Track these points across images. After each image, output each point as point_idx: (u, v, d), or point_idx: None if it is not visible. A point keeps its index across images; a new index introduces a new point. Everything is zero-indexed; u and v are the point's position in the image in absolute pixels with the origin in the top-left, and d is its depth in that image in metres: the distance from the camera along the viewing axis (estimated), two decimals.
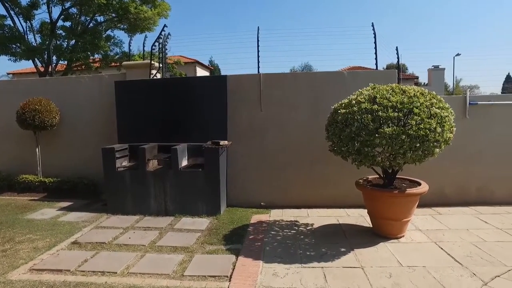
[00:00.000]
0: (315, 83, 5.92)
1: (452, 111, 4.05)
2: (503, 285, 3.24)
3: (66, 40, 19.10)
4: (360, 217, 5.27)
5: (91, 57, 19.74)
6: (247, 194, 6.02)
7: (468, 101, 5.71)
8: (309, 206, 5.86)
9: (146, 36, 8.30)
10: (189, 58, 25.87)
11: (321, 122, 4.59)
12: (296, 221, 5.19)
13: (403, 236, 4.44)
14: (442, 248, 4.09)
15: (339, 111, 4.11)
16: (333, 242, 4.32)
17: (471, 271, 3.52)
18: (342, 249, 4.11)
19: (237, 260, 3.87)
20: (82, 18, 19.51)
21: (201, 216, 5.40)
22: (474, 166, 5.90)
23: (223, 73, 16.85)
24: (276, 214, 5.56)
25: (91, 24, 19.72)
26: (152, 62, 7.09)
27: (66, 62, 18.94)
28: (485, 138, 5.87)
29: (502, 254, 3.89)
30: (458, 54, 28.98)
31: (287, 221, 5.22)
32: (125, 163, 5.93)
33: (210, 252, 4.12)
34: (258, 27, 6.54)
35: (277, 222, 5.15)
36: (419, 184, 4.41)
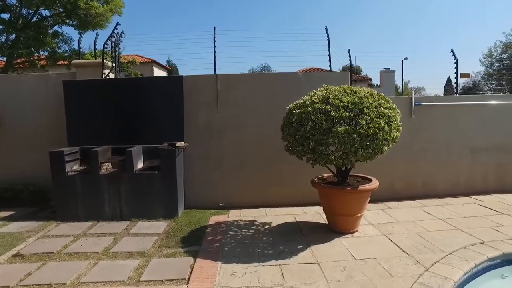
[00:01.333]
0: (272, 84, 6.02)
1: (398, 111, 4.32)
2: (441, 269, 3.54)
3: (5, 34, 17.51)
4: (316, 214, 5.44)
5: (36, 54, 18.36)
6: (206, 195, 5.98)
7: (413, 102, 6.12)
8: (268, 205, 5.94)
9: (97, 34, 7.93)
10: (146, 58, 25.10)
11: (277, 122, 4.68)
12: (255, 221, 5.24)
13: (357, 230, 4.65)
14: (391, 240, 4.34)
15: (294, 112, 4.22)
16: (291, 240, 4.42)
17: (416, 259, 3.78)
18: (299, 246, 4.22)
19: (195, 262, 3.83)
20: (24, 10, 18.06)
21: (158, 219, 5.27)
22: (420, 162, 6.33)
23: (181, 73, 16.58)
24: (234, 215, 5.57)
25: (34, 18, 18.34)
26: (105, 61, 6.79)
27: (5, 58, 17.41)
28: (428, 136, 6.32)
29: (442, 242, 4.22)
30: (406, 58, 30.75)
31: (245, 221, 5.25)
32: (76, 167, 5.62)
33: (168, 255, 4.03)
34: (215, 27, 6.53)
35: (235, 223, 5.17)
36: (371, 180, 4.65)
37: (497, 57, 35.57)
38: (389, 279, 3.38)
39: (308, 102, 4.16)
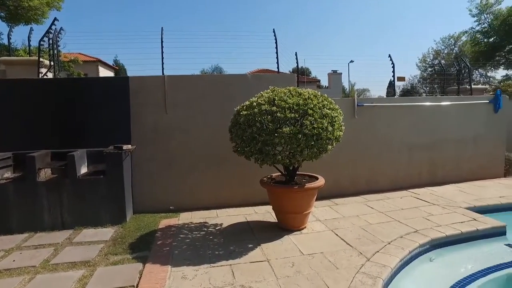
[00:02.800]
0: (221, 85, 6.03)
1: (341, 111, 4.56)
2: (381, 258, 3.82)
3: None
4: (266, 213, 5.56)
5: None
6: (155, 199, 5.83)
7: (356, 103, 6.49)
8: (219, 206, 5.95)
9: (32, 29, 7.36)
10: (90, 57, 23.78)
11: (227, 123, 4.72)
12: (206, 222, 5.22)
13: (305, 227, 4.83)
14: (337, 235, 4.57)
15: (241, 113, 4.28)
16: (241, 240, 4.47)
17: (359, 250, 4.03)
18: (250, 245, 4.28)
19: (144, 267, 3.74)
20: None
21: (105, 226, 5.05)
22: (363, 159, 6.73)
23: (130, 73, 15.96)
24: (185, 217, 5.50)
25: None
26: (42, 59, 6.34)
27: None
28: (370, 135, 6.75)
29: (382, 233, 4.54)
30: (351, 61, 32.40)
31: (196, 223, 5.21)
32: (8, 174, 5.19)
33: (115, 263, 3.89)
34: (162, 27, 6.40)
35: (186, 225, 5.11)
36: (317, 178, 4.85)
37: (430, 63, 38.86)
38: (335, 271, 3.57)
39: (255, 103, 4.25)
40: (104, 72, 26.92)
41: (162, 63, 6.28)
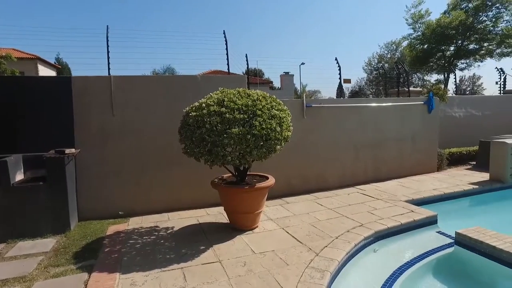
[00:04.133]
0: (171, 86, 5.93)
1: (289, 112, 4.70)
2: (329, 252, 4.00)
3: None
4: (219, 214, 5.56)
5: None
6: (103, 205, 5.57)
7: (305, 104, 6.72)
8: (171, 209, 5.83)
9: None
10: (27, 54, 22.07)
11: (178, 125, 4.65)
12: (157, 226, 5.10)
13: (257, 226, 4.91)
14: (288, 232, 4.69)
15: (190, 114, 4.25)
16: (193, 242, 4.44)
17: (308, 247, 4.18)
18: (202, 247, 4.26)
19: (90, 277, 3.57)
20: None
21: (45, 237, 4.72)
22: (313, 158, 6.98)
23: (75, 73, 15.00)
24: (135, 222, 5.32)
25: None
26: None
27: None
28: (319, 135, 7.02)
29: (330, 229, 4.75)
30: (303, 63, 33.38)
31: (147, 227, 5.07)
32: None
33: (56, 275, 3.66)
34: (107, 26, 6.15)
35: (136, 230, 4.95)
36: (267, 178, 4.95)
37: (375, 66, 41.32)
38: (285, 268, 3.67)
39: (204, 105, 4.23)
40: (45, 71, 25.15)
41: (108, 63, 6.04)
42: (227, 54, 6.65)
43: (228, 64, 6.58)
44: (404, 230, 4.94)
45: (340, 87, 9.76)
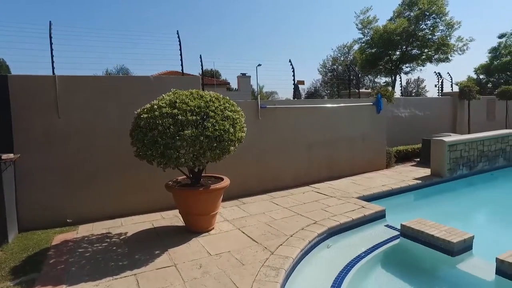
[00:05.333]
0: (123, 87, 5.71)
1: (242, 113, 4.74)
2: (284, 250, 4.08)
3: None
4: (174, 217, 5.46)
5: None
6: (49, 213, 5.23)
7: (259, 105, 6.80)
8: (124, 214, 5.62)
9: None
10: None
11: (129, 127, 4.49)
12: (109, 233, 4.89)
13: (213, 228, 4.88)
14: (244, 233, 4.73)
15: (142, 116, 4.14)
16: (148, 247, 4.32)
17: (264, 246, 4.24)
18: (157, 252, 4.16)
19: None
20: None
21: None
22: (268, 158, 7.08)
23: (14, 72, 13.71)
24: (85, 229, 5.06)
25: None
26: None
27: None
28: (274, 135, 7.14)
29: (285, 227, 4.85)
30: (259, 65, 33.67)
31: (98, 234, 4.84)
32: None
33: None
34: (50, 21, 5.76)
35: (86, 238, 4.71)
36: (222, 179, 4.95)
37: (329, 68, 42.89)
38: (241, 268, 3.70)
39: (155, 106, 4.15)
40: None
41: (52, 62, 5.67)
42: (180, 54, 6.55)
43: (182, 65, 6.49)
44: (355, 225, 5.19)
45: (296, 88, 10.01)
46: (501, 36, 32.98)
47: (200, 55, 7.20)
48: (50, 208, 5.26)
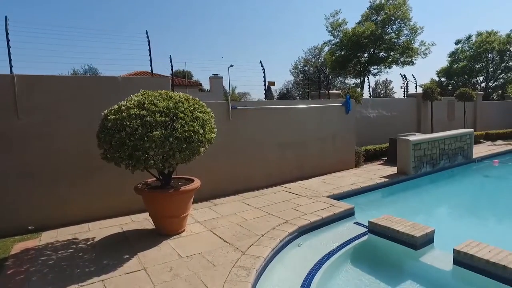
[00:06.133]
0: (90, 88, 5.52)
1: (212, 114, 4.72)
2: (255, 250, 4.12)
3: None
4: (145, 220, 5.35)
5: None
6: (7, 221, 4.95)
7: (230, 106, 6.80)
8: (92, 219, 5.45)
9: None
10: None
11: (96, 129, 4.35)
12: (75, 239, 4.72)
13: (184, 230, 4.84)
14: (215, 234, 4.71)
15: (109, 118, 4.04)
16: (116, 251, 4.21)
17: (235, 246, 4.25)
18: (126, 256, 4.07)
19: None
20: None
21: None
22: (240, 159, 7.10)
23: None
24: (49, 236, 4.85)
25: None
26: None
27: None
28: (246, 136, 7.16)
29: (257, 227, 4.89)
30: (231, 66, 33.64)
31: (63, 241, 4.66)
32: None
33: None
34: (6, 16, 5.45)
35: (50, 245, 4.51)
36: (193, 181, 4.91)
37: (301, 69, 43.59)
38: (212, 269, 3.69)
39: (123, 107, 4.06)
40: None
41: (10, 60, 5.39)
42: (150, 55, 6.43)
43: (151, 65, 6.38)
44: (325, 224, 5.31)
45: (268, 89, 10.10)
46: (457, 42, 35.13)
47: (170, 56, 7.11)
48: (7, 215, 4.98)
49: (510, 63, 32.21)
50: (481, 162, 10.68)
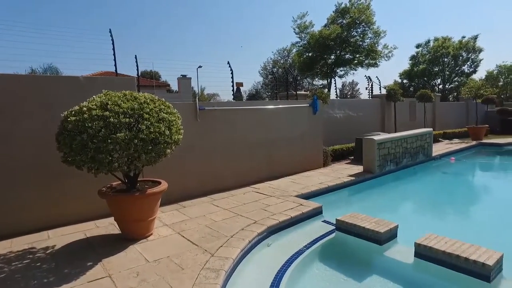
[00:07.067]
0: (48, 88, 5.24)
1: (179, 115, 4.64)
2: (224, 252, 4.09)
3: None
4: (110, 225, 5.16)
5: None
6: None
7: (198, 107, 6.72)
8: (53, 226, 5.17)
9: None
10: None
11: (55, 131, 4.14)
12: (33, 248, 4.45)
13: (151, 234, 4.72)
14: (184, 236, 4.64)
15: (69, 119, 3.85)
16: (79, 259, 4.03)
17: (204, 248, 4.20)
18: (89, 263, 3.90)
19: None
20: None
21: None
22: (209, 160, 7.03)
23: None
24: (2, 247, 4.53)
25: None
26: None
27: None
28: (214, 137, 7.11)
29: (226, 229, 4.86)
30: (200, 66, 33.27)
31: (18, 251, 4.38)
32: None
33: None
34: None
35: (2, 257, 4.22)
36: (160, 183, 4.80)
37: (270, 71, 43.98)
38: (180, 272, 3.62)
39: (85, 108, 3.89)
40: None
41: None
42: (114, 54, 6.22)
43: (115, 65, 6.17)
44: (294, 223, 5.37)
45: (237, 90, 10.09)
46: (417, 46, 37.03)
47: (136, 55, 6.91)
48: None
49: (463, 67, 34.51)
50: (440, 159, 11.27)
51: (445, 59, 34.37)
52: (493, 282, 3.57)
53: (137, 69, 6.97)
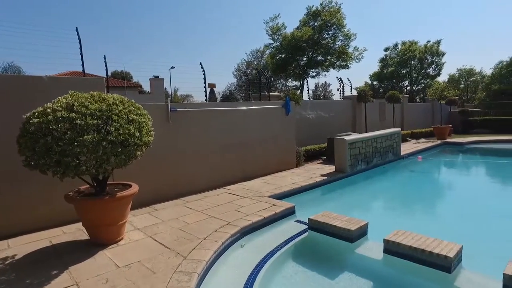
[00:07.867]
0: (9, 88, 4.97)
1: (149, 117, 4.55)
2: (197, 254, 4.05)
3: None
4: (78, 231, 4.98)
5: None
6: None
7: (169, 108, 6.62)
8: (13, 234, 4.90)
9: None
10: None
11: (16, 134, 3.93)
12: None
13: (122, 238, 4.60)
14: (156, 240, 4.55)
15: (31, 121, 3.68)
16: (43, 268, 3.85)
17: (176, 251, 4.15)
18: (54, 272, 3.74)
19: None
20: None
21: None
22: (181, 162, 6.94)
23: None
24: None
25: None
26: None
27: None
28: (186, 138, 7.02)
29: (198, 231, 4.82)
30: (172, 67, 32.82)
31: None
32: None
33: None
34: None
35: None
36: (131, 186, 4.69)
37: (244, 72, 44.05)
38: (152, 276, 3.55)
39: (49, 110, 3.73)
40: None
41: None
42: (81, 53, 5.99)
43: (82, 65, 5.96)
44: (267, 223, 5.41)
45: (211, 91, 10.02)
46: (386, 49, 38.38)
47: (104, 55, 6.69)
48: None
49: (428, 70, 36.15)
50: (408, 158, 11.72)
51: (412, 62, 35.81)
52: (453, 273, 3.77)
53: (106, 69, 6.77)
